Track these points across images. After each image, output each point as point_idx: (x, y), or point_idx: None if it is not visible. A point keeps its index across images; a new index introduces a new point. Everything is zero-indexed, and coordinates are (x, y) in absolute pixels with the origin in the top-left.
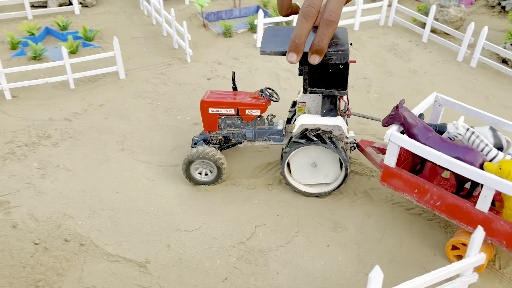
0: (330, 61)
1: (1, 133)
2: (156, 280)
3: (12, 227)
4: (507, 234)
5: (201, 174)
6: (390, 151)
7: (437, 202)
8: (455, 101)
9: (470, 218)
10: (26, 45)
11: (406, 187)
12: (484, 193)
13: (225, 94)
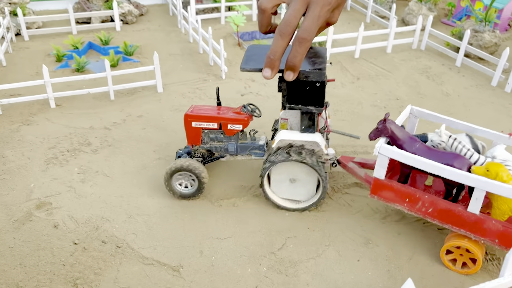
0: (307, 78)
1: (45, 139)
2: (188, 284)
3: (54, 227)
4: (499, 232)
5: (182, 185)
6: (379, 163)
7: (429, 209)
8: (429, 112)
9: (462, 221)
10: (70, 58)
11: (397, 197)
12: (476, 195)
13: (208, 108)
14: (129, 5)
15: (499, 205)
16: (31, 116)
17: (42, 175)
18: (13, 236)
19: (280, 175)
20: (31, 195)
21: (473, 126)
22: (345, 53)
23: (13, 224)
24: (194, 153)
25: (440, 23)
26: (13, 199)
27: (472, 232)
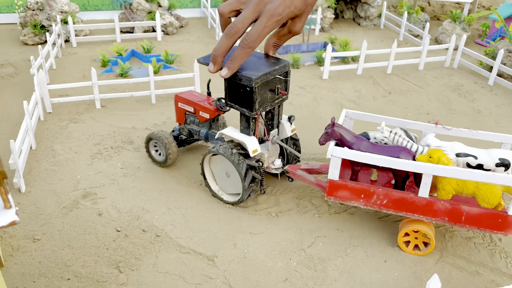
0: (240, 81)
1: (91, 136)
2: (222, 273)
3: (98, 215)
4: (448, 210)
5: (157, 152)
6: (333, 165)
7: (384, 201)
8: (363, 113)
9: (415, 206)
10: (115, 64)
11: (353, 195)
12: (424, 181)
13: (195, 95)
14: (170, 17)
15: (443, 186)
16: (78, 115)
17: (88, 168)
18: (62, 221)
19: (217, 165)
20: (78, 185)
21: (404, 120)
22: (378, 68)
23: (62, 210)
24: (180, 131)
25: (473, 43)
26: (62, 188)
27: (424, 215)
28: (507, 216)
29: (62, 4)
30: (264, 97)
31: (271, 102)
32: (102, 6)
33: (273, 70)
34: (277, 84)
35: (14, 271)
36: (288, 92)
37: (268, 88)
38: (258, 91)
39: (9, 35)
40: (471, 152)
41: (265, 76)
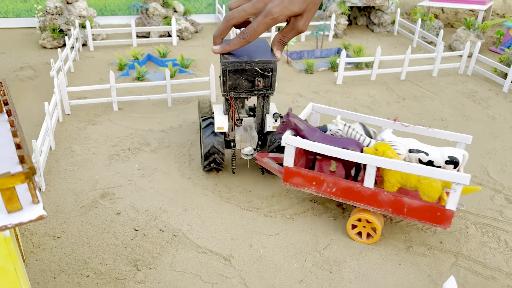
0: (221, 63)
1: (109, 138)
2: (238, 273)
3: (116, 214)
4: (391, 202)
5: None
6: (287, 153)
7: (333, 189)
8: (328, 107)
9: (361, 196)
10: (131, 68)
11: (305, 182)
12: (368, 171)
13: None
14: (186, 22)
15: (389, 178)
16: (96, 117)
17: (106, 168)
18: (81, 219)
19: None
20: (96, 185)
21: (365, 115)
22: (392, 74)
23: (81, 209)
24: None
25: (488, 50)
26: (81, 188)
27: (370, 205)
28: (444, 210)
29: (80, 9)
30: (237, 83)
31: (247, 91)
32: (119, 11)
33: (251, 61)
34: (258, 76)
35: (35, 267)
36: (273, 89)
37: (244, 77)
38: (229, 75)
39: (29, 39)
40: (424, 149)
41: (239, 63)
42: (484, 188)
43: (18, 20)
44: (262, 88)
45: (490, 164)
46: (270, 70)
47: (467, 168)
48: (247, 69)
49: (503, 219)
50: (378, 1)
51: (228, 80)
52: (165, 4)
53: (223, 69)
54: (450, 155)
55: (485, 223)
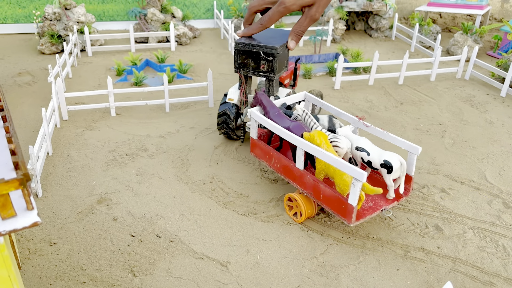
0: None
1: (106, 143)
2: (235, 279)
3: (113, 220)
4: (312, 185)
5: None
6: (252, 125)
7: (277, 165)
8: (317, 99)
9: (294, 175)
10: (129, 73)
11: (262, 154)
12: (298, 153)
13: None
14: (184, 28)
15: (316, 165)
16: (94, 122)
17: (103, 174)
18: (78, 225)
19: None
20: (93, 191)
21: (339, 110)
22: (389, 79)
23: (78, 215)
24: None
25: (485, 55)
26: (78, 194)
27: (299, 185)
28: (347, 204)
29: (78, 15)
30: (245, 62)
31: (253, 71)
32: (117, 17)
33: (257, 45)
34: (263, 60)
35: (31, 274)
36: (275, 73)
37: (251, 58)
38: (239, 54)
39: (27, 45)
40: (368, 149)
41: (247, 45)
42: (482, 193)
43: (17, 26)
44: (265, 71)
45: (488, 169)
46: (271, 55)
47: (464, 171)
48: (254, 51)
49: (501, 223)
50: (376, 6)
51: (238, 59)
52: (164, 10)
53: (235, 48)
54: (386, 159)
55: (483, 228)
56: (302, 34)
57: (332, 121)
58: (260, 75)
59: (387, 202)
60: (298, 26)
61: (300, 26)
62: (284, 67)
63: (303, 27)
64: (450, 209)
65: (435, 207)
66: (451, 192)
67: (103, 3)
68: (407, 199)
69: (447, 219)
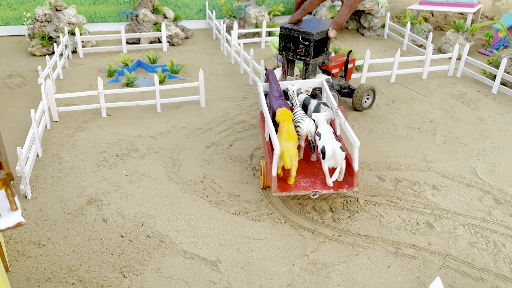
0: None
1: (97, 144)
2: (226, 278)
3: (103, 221)
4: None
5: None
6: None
7: (265, 134)
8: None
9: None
10: (121, 74)
11: (262, 123)
12: (267, 123)
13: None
14: (176, 28)
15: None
16: (84, 123)
17: (93, 175)
18: (67, 226)
19: None
20: (83, 192)
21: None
22: (381, 77)
23: (67, 216)
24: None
25: (477, 53)
26: (67, 195)
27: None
28: (270, 174)
29: (69, 16)
30: (288, 46)
31: (293, 54)
32: (109, 18)
33: (297, 30)
34: (301, 45)
35: (20, 276)
36: (311, 58)
37: (292, 42)
38: (282, 38)
39: (18, 47)
40: (323, 135)
41: (289, 30)
42: (473, 189)
43: (7, 28)
44: (303, 55)
45: (479, 165)
46: (308, 40)
47: (456, 167)
48: (294, 36)
49: (492, 219)
50: (368, 5)
51: (282, 42)
52: (155, 11)
53: (279, 32)
54: (324, 145)
55: (474, 224)
56: (343, 23)
57: (319, 106)
58: (298, 58)
59: (323, 188)
60: (339, 16)
61: (341, 16)
62: (322, 54)
63: (344, 16)
64: (441, 206)
65: (426, 204)
66: (442, 189)
67: (95, 4)
68: (398, 196)
69: (438, 215)
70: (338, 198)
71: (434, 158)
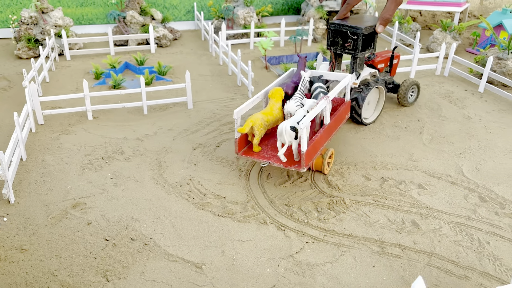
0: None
1: (82, 147)
2: (210, 280)
3: (87, 224)
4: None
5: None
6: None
7: None
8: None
9: None
10: (108, 76)
11: None
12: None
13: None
14: (164, 30)
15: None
16: (70, 126)
17: (78, 178)
18: (50, 231)
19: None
20: (67, 195)
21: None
22: None
23: (51, 220)
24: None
25: (464, 51)
26: (51, 199)
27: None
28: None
29: (56, 19)
30: (336, 41)
31: (341, 48)
32: (96, 20)
33: (345, 25)
34: (349, 39)
35: (1, 282)
36: (358, 52)
37: (341, 37)
38: (331, 33)
39: (4, 50)
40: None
41: (338, 25)
42: (459, 188)
43: None
44: (351, 49)
45: (465, 163)
46: (356, 34)
47: (442, 166)
48: (343, 31)
49: (477, 217)
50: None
51: (330, 37)
52: (143, 12)
53: (328, 28)
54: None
55: (459, 222)
56: (390, 19)
57: (319, 95)
58: (346, 52)
59: (276, 161)
60: (385, 11)
61: (388, 11)
62: (369, 48)
63: (391, 11)
64: (427, 205)
65: (412, 203)
66: (428, 188)
67: (82, 7)
68: (384, 196)
69: (423, 214)
70: (324, 197)
71: (421, 157)
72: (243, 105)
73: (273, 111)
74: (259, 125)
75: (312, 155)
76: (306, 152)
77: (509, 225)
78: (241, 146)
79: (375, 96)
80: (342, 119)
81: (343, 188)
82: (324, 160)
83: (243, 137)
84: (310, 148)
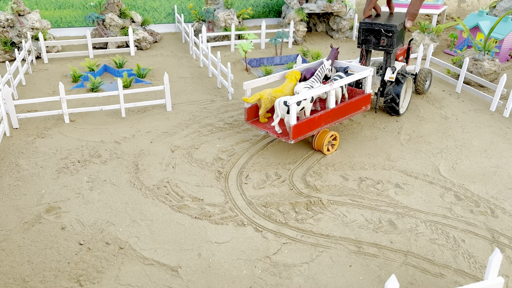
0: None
1: (58, 151)
2: (186, 283)
3: (61, 229)
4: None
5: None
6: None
7: None
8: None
9: None
10: (86, 79)
11: None
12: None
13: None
14: (144, 32)
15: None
16: (46, 130)
17: (53, 182)
18: (23, 236)
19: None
20: (41, 200)
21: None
22: None
23: (23, 225)
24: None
25: (442, 53)
26: (25, 203)
27: None
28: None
29: (33, 21)
30: (368, 39)
31: (374, 46)
32: (75, 23)
33: (378, 23)
34: (382, 36)
35: None
36: (393, 47)
37: (373, 35)
38: (362, 32)
39: None
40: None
41: (370, 24)
42: (435, 187)
43: None
44: (385, 45)
45: (442, 163)
46: (391, 32)
47: (419, 165)
48: (375, 29)
49: (452, 216)
50: (336, 7)
51: (361, 36)
52: (122, 15)
53: (359, 27)
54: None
55: (435, 220)
56: (416, 14)
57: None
58: (379, 49)
59: (273, 132)
60: (411, 7)
61: (414, 6)
62: (400, 43)
63: (417, 6)
64: (403, 204)
65: (389, 203)
66: (405, 187)
67: (60, 9)
68: (361, 196)
69: (400, 213)
70: (302, 198)
71: (398, 156)
72: (254, 80)
73: (285, 89)
74: (265, 99)
75: (304, 131)
76: (295, 126)
77: (484, 223)
78: (250, 116)
79: (404, 87)
80: (355, 109)
81: (321, 189)
82: (324, 140)
83: (254, 108)
84: (301, 124)
